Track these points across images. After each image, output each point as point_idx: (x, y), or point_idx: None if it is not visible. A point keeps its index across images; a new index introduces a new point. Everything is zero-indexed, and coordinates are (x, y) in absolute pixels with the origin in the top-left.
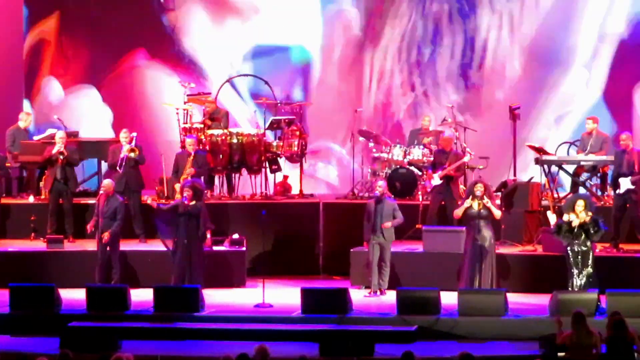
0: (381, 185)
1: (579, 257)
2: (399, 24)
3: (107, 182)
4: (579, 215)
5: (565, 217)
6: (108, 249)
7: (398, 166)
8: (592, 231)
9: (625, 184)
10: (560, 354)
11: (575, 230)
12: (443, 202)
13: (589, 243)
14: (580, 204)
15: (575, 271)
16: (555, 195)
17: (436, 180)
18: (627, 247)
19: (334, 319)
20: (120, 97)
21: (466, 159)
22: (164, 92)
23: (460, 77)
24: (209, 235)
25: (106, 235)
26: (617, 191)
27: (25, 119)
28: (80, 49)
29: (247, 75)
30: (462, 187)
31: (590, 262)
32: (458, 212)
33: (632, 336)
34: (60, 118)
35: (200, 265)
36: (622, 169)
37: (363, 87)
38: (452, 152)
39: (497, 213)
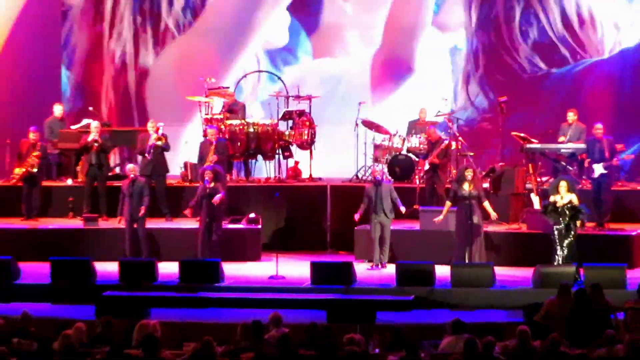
0: (378, 171)
1: (563, 234)
2: None
3: (131, 167)
4: (563, 196)
5: (552, 198)
6: (135, 226)
7: (397, 153)
8: (576, 217)
9: (599, 169)
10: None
11: (560, 209)
12: (434, 184)
13: (572, 223)
14: (563, 185)
15: (559, 247)
16: (538, 180)
17: (427, 166)
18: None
19: (340, 289)
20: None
21: (444, 144)
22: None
23: None
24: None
25: (142, 210)
26: (592, 176)
27: (60, 109)
28: None
29: (261, 71)
30: (454, 171)
31: (571, 239)
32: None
33: (608, 305)
34: (95, 109)
35: (215, 239)
36: (594, 155)
37: None
38: (439, 142)
39: (493, 215)
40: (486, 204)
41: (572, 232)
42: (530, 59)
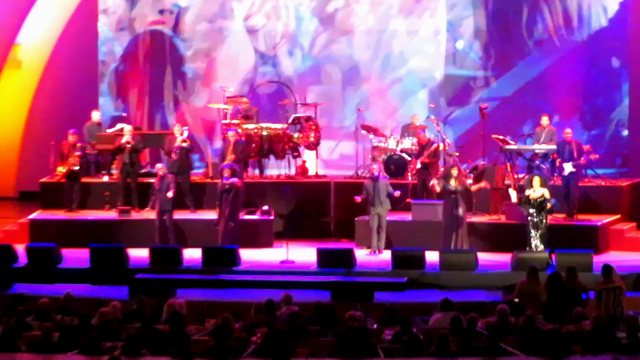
0: (375, 168)
1: (536, 224)
2: None
3: (159, 166)
4: (536, 190)
5: (527, 192)
6: (164, 217)
7: (392, 153)
8: (547, 208)
9: (568, 168)
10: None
11: (534, 202)
12: (425, 181)
13: (543, 213)
14: (536, 180)
15: (533, 235)
16: (515, 176)
17: (418, 165)
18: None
19: (342, 272)
20: None
21: (434, 146)
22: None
23: None
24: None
25: (170, 194)
26: (563, 173)
27: (97, 115)
28: None
29: (273, 82)
30: (441, 168)
31: (544, 228)
32: (435, 185)
33: (581, 286)
34: (126, 115)
35: (237, 230)
36: (564, 156)
37: None
38: (429, 143)
39: (483, 184)
40: (473, 187)
41: (545, 223)
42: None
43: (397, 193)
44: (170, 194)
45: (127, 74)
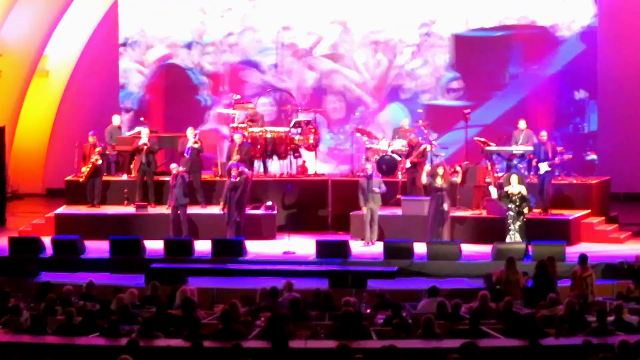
0: (368, 167)
1: (514, 218)
2: None
3: (173, 165)
4: (514, 186)
5: (505, 189)
6: (178, 212)
7: (384, 154)
8: (524, 204)
9: (544, 167)
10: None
11: (512, 198)
12: (414, 179)
13: (521, 208)
14: (514, 178)
15: (511, 228)
16: (496, 175)
17: (407, 164)
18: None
19: (339, 261)
20: None
21: (422, 147)
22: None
23: None
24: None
25: (186, 207)
26: (538, 172)
27: (118, 119)
28: None
29: (277, 89)
30: (428, 167)
31: (521, 221)
32: (423, 180)
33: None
34: (145, 119)
35: (243, 224)
36: (540, 156)
37: None
38: (418, 145)
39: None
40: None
41: (522, 217)
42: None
43: (379, 190)
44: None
45: (149, 103)
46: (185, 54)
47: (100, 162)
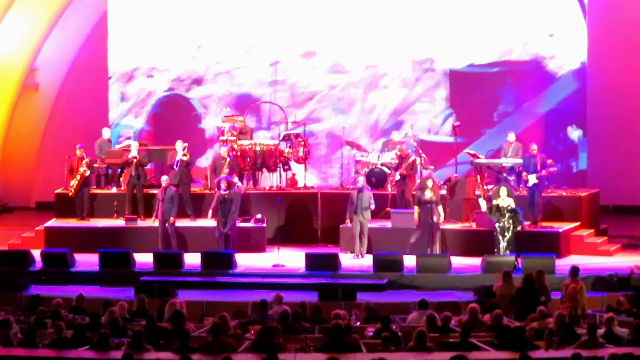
0: (360, 180)
1: (504, 231)
2: None
3: (165, 178)
4: (503, 199)
5: (494, 202)
6: (167, 225)
7: (373, 166)
8: (516, 221)
9: (532, 179)
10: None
11: (502, 211)
12: (404, 192)
13: (510, 221)
14: (503, 191)
15: (501, 240)
16: (485, 187)
17: (397, 177)
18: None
19: (328, 274)
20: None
21: (412, 159)
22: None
23: None
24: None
25: (172, 219)
26: (527, 185)
27: (108, 132)
28: None
29: (267, 102)
30: (418, 180)
31: (511, 234)
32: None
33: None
34: (135, 132)
35: (234, 237)
36: (529, 169)
37: None
38: (407, 157)
39: (442, 217)
40: (439, 208)
41: (511, 229)
42: None
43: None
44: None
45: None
46: (181, 86)
47: (88, 173)
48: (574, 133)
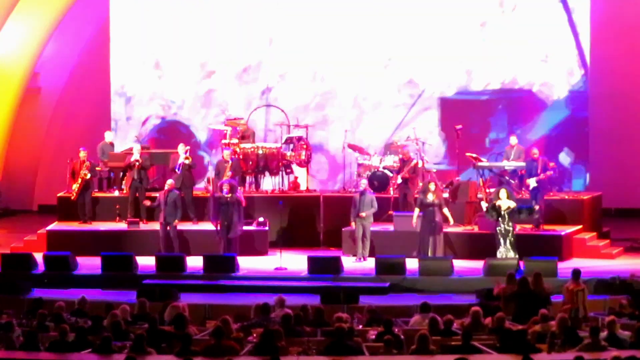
0: (363, 183)
1: (504, 233)
2: None
3: (169, 181)
4: (502, 199)
5: (493, 202)
6: (168, 228)
7: (376, 170)
8: (521, 213)
9: (533, 182)
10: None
11: (499, 211)
12: (406, 195)
13: (511, 223)
14: (503, 192)
15: (502, 243)
16: (487, 191)
17: (399, 180)
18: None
19: (330, 277)
20: None
21: (413, 162)
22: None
23: None
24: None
25: (176, 223)
26: (529, 188)
27: (110, 135)
28: None
29: (269, 105)
30: (420, 183)
31: (511, 237)
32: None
33: (546, 289)
34: (137, 136)
35: (236, 240)
36: (531, 172)
37: None
38: (409, 160)
39: (451, 220)
40: (445, 210)
41: (512, 232)
42: None
43: (362, 214)
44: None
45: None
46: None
47: (89, 176)
48: (567, 159)
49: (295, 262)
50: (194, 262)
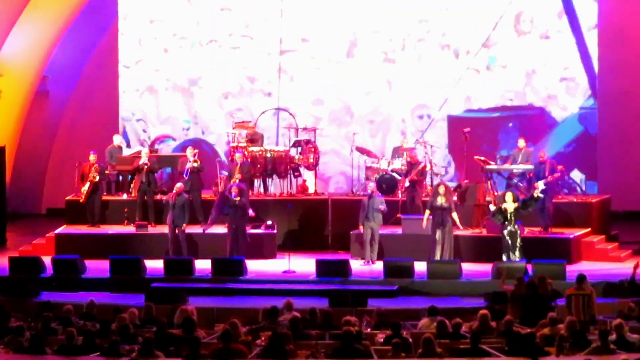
0: (371, 186)
1: (511, 236)
2: None
3: (179, 185)
4: (509, 204)
5: (499, 205)
6: (177, 231)
7: (384, 173)
8: (527, 206)
9: (541, 185)
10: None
11: (505, 214)
12: (414, 198)
13: (517, 226)
14: (509, 195)
15: (509, 246)
16: (496, 193)
17: (407, 183)
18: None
19: (339, 281)
20: None
21: (421, 165)
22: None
23: None
24: (251, 211)
25: (184, 227)
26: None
27: (118, 139)
28: None
29: (277, 109)
30: (429, 186)
31: (518, 240)
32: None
33: (552, 293)
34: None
35: (244, 243)
36: (540, 175)
37: None
38: (417, 163)
39: (459, 225)
40: (454, 215)
41: (518, 234)
42: None
43: (382, 207)
44: None
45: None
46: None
47: (97, 179)
48: (578, 178)
49: (303, 265)
50: (203, 265)
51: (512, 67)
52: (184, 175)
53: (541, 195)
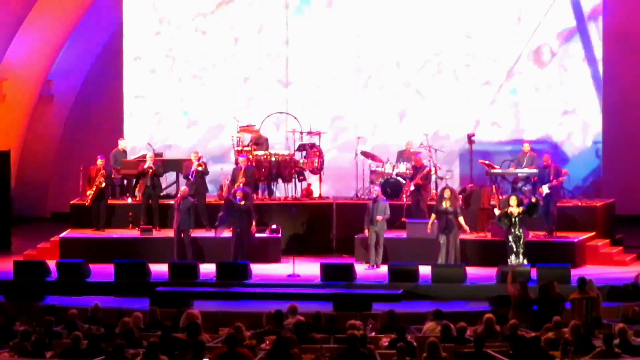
0: (376, 190)
1: (515, 240)
2: None
3: (184, 189)
4: (514, 208)
5: (505, 210)
6: (182, 235)
7: (389, 177)
8: (531, 213)
9: (545, 189)
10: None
11: (511, 218)
12: (419, 201)
13: (522, 230)
14: (513, 199)
15: (513, 250)
16: (500, 197)
17: (412, 187)
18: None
19: (343, 284)
20: None
21: (426, 169)
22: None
23: None
24: (254, 223)
25: (191, 231)
26: (542, 195)
27: (123, 143)
28: None
29: (282, 112)
30: (433, 190)
31: (523, 244)
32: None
33: (559, 297)
34: (150, 143)
35: (249, 247)
36: (544, 179)
37: None
38: (422, 167)
39: (467, 229)
40: (461, 219)
41: (523, 238)
42: None
43: (381, 218)
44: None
45: None
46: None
47: (104, 184)
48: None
49: (308, 269)
50: (207, 269)
51: (522, 101)
52: (190, 177)
53: (540, 200)
